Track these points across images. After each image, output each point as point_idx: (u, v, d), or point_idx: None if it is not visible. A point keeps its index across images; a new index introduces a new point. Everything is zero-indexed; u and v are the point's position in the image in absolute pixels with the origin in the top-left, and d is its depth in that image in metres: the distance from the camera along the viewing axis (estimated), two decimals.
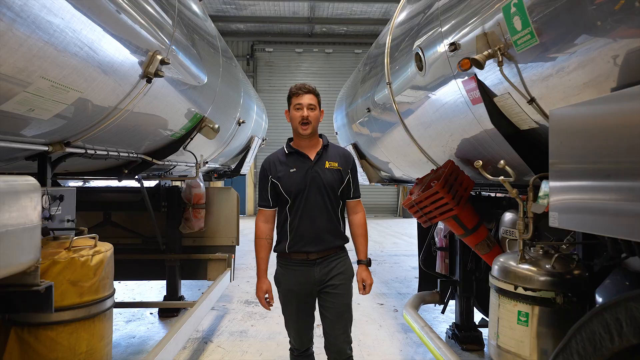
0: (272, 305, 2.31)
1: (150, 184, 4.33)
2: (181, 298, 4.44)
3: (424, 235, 3.99)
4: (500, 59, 1.83)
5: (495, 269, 1.90)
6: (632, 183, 1.11)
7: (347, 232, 2.38)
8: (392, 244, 9.43)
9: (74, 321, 1.67)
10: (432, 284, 3.85)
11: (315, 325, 2.36)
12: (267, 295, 2.29)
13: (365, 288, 2.35)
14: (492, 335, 1.88)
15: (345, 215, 2.41)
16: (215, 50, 4.12)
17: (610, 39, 1.32)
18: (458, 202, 2.83)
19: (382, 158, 5.05)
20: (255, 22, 14.80)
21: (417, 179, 3.41)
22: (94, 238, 1.82)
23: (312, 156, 2.28)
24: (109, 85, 2.05)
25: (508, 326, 1.78)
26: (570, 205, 1.37)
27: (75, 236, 1.79)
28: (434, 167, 3.24)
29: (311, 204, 2.22)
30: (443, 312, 3.68)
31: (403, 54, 3.26)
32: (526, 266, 1.77)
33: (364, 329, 4.00)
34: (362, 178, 5.66)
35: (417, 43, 2.87)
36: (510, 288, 1.77)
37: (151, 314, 4.41)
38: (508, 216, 2.83)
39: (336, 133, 7.06)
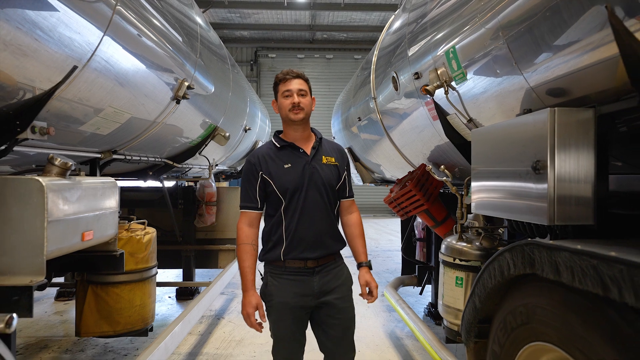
0: (263, 326, 1.98)
1: (168, 184, 4.95)
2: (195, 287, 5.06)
3: (405, 228, 4.60)
4: (446, 89, 2.43)
5: (442, 247, 2.51)
6: (513, 182, 1.72)
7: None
8: (387, 240, 10.03)
9: (131, 282, 2.30)
10: (413, 270, 4.45)
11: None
12: (257, 313, 1.96)
13: (371, 293, 2.14)
14: (440, 296, 2.49)
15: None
16: (225, 63, 4.72)
17: (514, 81, 1.92)
18: (428, 199, 3.43)
19: (373, 161, 5.63)
20: (259, 29, 15.46)
21: (397, 179, 4.03)
22: (143, 223, 2.45)
23: (308, 150, 2.04)
24: (149, 107, 2.67)
25: (449, 288, 2.39)
26: (482, 197, 1.98)
27: (129, 222, 2.41)
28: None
29: (310, 204, 1.97)
30: (421, 293, 4.29)
31: (384, 74, 3.87)
32: (462, 243, 2.38)
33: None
34: (357, 179, 6.27)
35: (392, 67, 3.49)
36: (451, 260, 2.39)
37: (169, 297, 5.04)
38: None
39: (334, 137, 7.67)
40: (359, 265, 2.17)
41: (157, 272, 2.52)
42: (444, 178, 2.62)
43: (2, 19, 1.31)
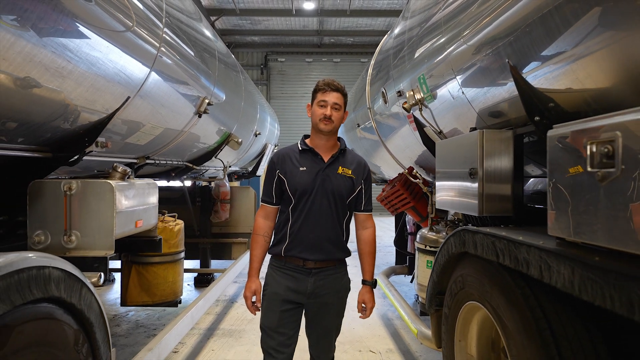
0: (258, 309, 2.13)
1: (187, 183, 5.53)
2: (211, 274, 5.64)
3: (398, 223, 5.13)
4: (421, 107, 2.96)
5: (417, 237, 3.05)
6: (459, 184, 2.24)
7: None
8: (390, 237, 10.52)
9: (165, 262, 2.88)
10: (405, 260, 4.99)
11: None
12: (254, 297, 2.11)
13: (365, 310, 2.22)
14: (416, 277, 3.02)
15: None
16: (236, 72, 5.27)
17: (464, 106, 2.44)
18: (414, 197, 3.94)
19: (373, 163, 6.16)
20: (269, 35, 16.06)
21: (389, 180, 4.56)
22: (174, 216, 3.02)
23: (327, 158, 2.10)
24: (177, 121, 3.24)
25: (422, 270, 2.93)
26: (442, 195, 2.51)
27: (163, 215, 2.99)
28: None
29: (316, 209, 2.05)
30: (411, 281, 4.80)
31: (376, 88, 4.40)
32: (432, 233, 2.92)
33: (352, 295, 5.14)
34: None
35: (382, 82, 4.02)
36: (423, 247, 2.92)
37: (188, 284, 5.63)
38: None
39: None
40: (363, 283, 2.25)
41: (184, 256, 3.10)
42: (417, 180, 3.15)
43: (85, 70, 1.87)
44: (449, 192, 2.40)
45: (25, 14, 1.44)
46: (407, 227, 4.99)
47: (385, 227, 12.60)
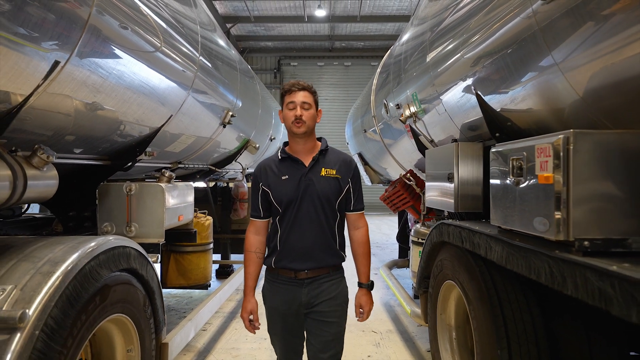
0: (257, 328, 2.08)
1: (209, 184, 6.06)
2: (231, 266, 6.18)
3: (400, 220, 5.61)
4: (415, 119, 3.45)
5: (412, 231, 3.53)
6: (441, 185, 2.72)
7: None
8: None
9: (198, 252, 3.41)
10: (406, 254, 5.46)
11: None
12: (251, 317, 2.06)
13: (362, 314, 2.09)
14: (410, 265, 3.50)
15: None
16: (251, 78, 5.77)
17: (447, 120, 2.91)
18: (413, 197, 4.42)
19: (379, 165, 6.63)
20: (282, 40, 16.62)
21: (391, 181, 5.03)
22: (204, 213, 3.56)
23: (307, 162, 2.02)
24: (205, 131, 3.77)
25: (415, 259, 3.41)
26: (430, 195, 2.99)
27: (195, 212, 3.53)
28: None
29: (302, 216, 1.98)
30: None
31: (380, 97, 4.89)
32: (424, 228, 3.40)
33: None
34: (366, 179, 7.27)
35: (384, 93, 4.51)
36: (416, 239, 3.40)
37: None
38: None
39: (347, 143, 8.70)
40: (359, 285, 2.13)
41: (212, 247, 3.65)
42: (411, 182, 3.64)
43: (145, 97, 2.40)
44: (435, 193, 2.88)
45: (116, 64, 1.97)
46: (409, 224, 5.47)
47: (394, 226, 13.06)
